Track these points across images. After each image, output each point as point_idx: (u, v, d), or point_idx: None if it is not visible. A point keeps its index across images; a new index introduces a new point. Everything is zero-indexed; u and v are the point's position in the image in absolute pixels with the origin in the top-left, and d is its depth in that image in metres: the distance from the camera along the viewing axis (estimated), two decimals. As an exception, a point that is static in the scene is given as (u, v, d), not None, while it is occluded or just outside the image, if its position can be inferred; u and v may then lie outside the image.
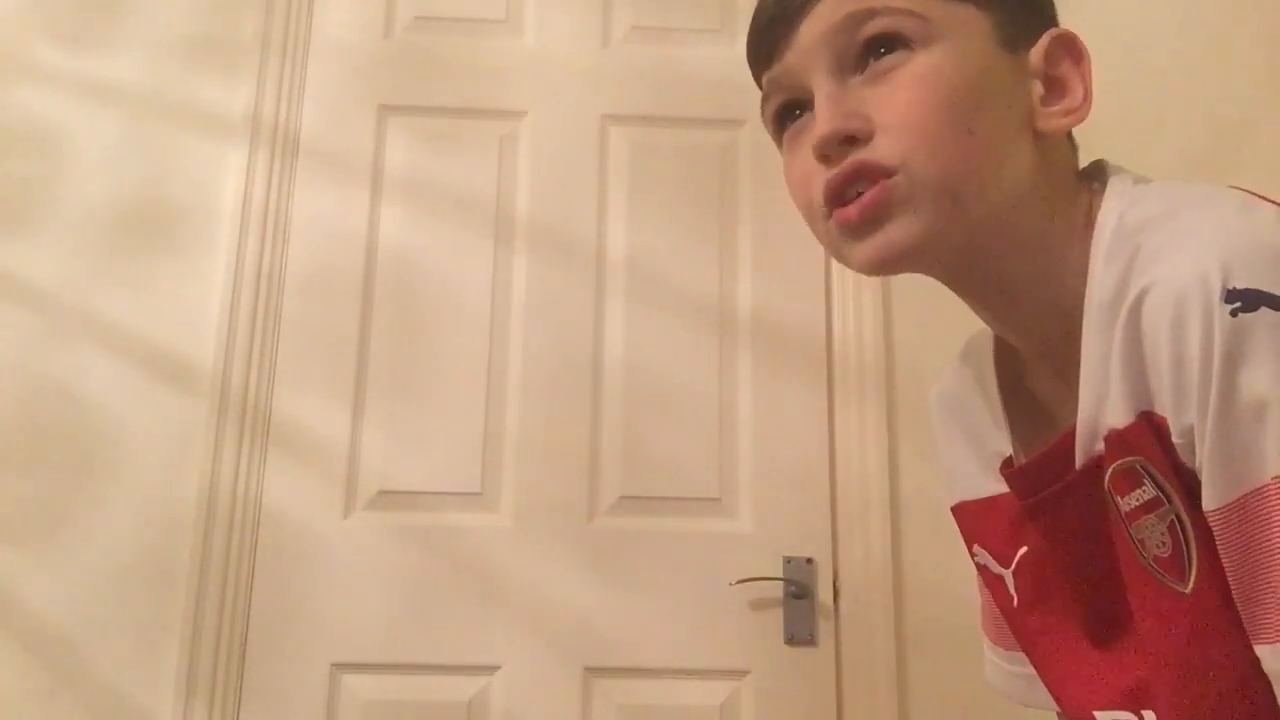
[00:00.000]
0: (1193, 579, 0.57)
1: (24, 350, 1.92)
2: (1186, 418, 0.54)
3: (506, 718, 1.78)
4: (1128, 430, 0.58)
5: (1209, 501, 0.54)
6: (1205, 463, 0.53)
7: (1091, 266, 0.62)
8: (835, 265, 1.97)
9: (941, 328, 1.91)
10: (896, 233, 0.63)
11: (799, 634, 1.81)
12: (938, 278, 0.69)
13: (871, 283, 1.96)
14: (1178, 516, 0.57)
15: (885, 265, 0.65)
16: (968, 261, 0.67)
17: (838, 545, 1.86)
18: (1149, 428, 0.57)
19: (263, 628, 1.80)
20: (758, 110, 0.73)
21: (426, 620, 1.81)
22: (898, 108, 0.63)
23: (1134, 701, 0.65)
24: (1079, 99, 0.66)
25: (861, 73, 0.65)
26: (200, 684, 1.75)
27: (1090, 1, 1.04)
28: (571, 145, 2.04)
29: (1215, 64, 1.21)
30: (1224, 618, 0.56)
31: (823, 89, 0.66)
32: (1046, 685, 0.74)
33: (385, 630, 1.81)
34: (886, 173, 0.62)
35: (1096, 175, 0.69)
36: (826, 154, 0.64)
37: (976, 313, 0.72)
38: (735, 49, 2.10)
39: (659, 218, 2.01)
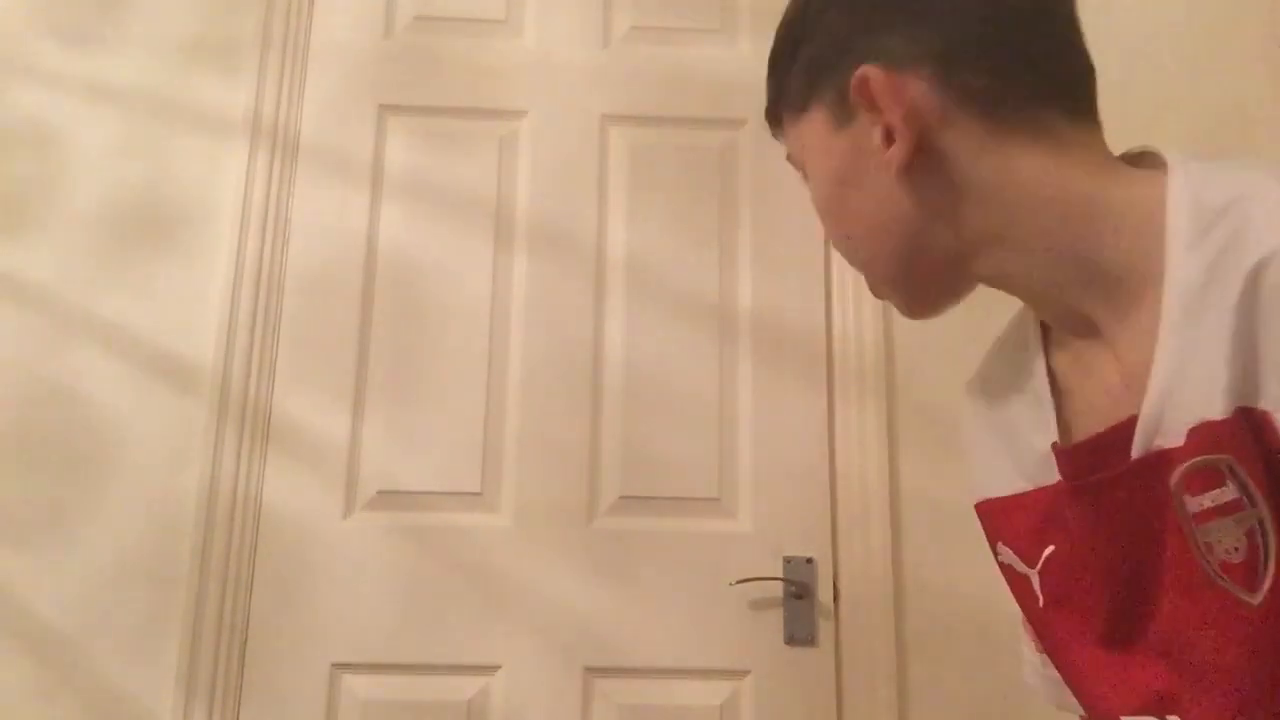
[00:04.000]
0: (1265, 589, 0.54)
1: (24, 350, 1.91)
2: None
3: (506, 718, 1.78)
4: (1222, 424, 0.55)
5: None
6: None
7: (1170, 251, 0.59)
8: (835, 265, 1.97)
9: (941, 328, 1.91)
10: (890, 300, 0.75)
11: (799, 634, 1.81)
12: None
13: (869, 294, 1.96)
14: (1260, 521, 0.54)
15: (913, 316, 0.76)
16: (965, 281, 0.72)
17: (838, 545, 1.86)
18: (1247, 424, 0.54)
19: (263, 628, 1.80)
20: (758, 110, 0.78)
21: (426, 620, 1.81)
22: (822, 224, 0.76)
23: (1159, 707, 0.63)
24: (896, 122, 0.68)
25: None
26: (200, 684, 1.75)
27: (1091, 2, 1.04)
28: (571, 145, 2.04)
29: (1215, 63, 1.21)
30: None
31: None
32: (1070, 687, 0.73)
33: (385, 630, 1.81)
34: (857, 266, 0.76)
35: (1141, 158, 0.68)
36: None
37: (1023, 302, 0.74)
38: (735, 49, 2.10)
39: (659, 218, 2.01)
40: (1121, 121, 1.06)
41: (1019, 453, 0.74)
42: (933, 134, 0.67)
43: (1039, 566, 0.73)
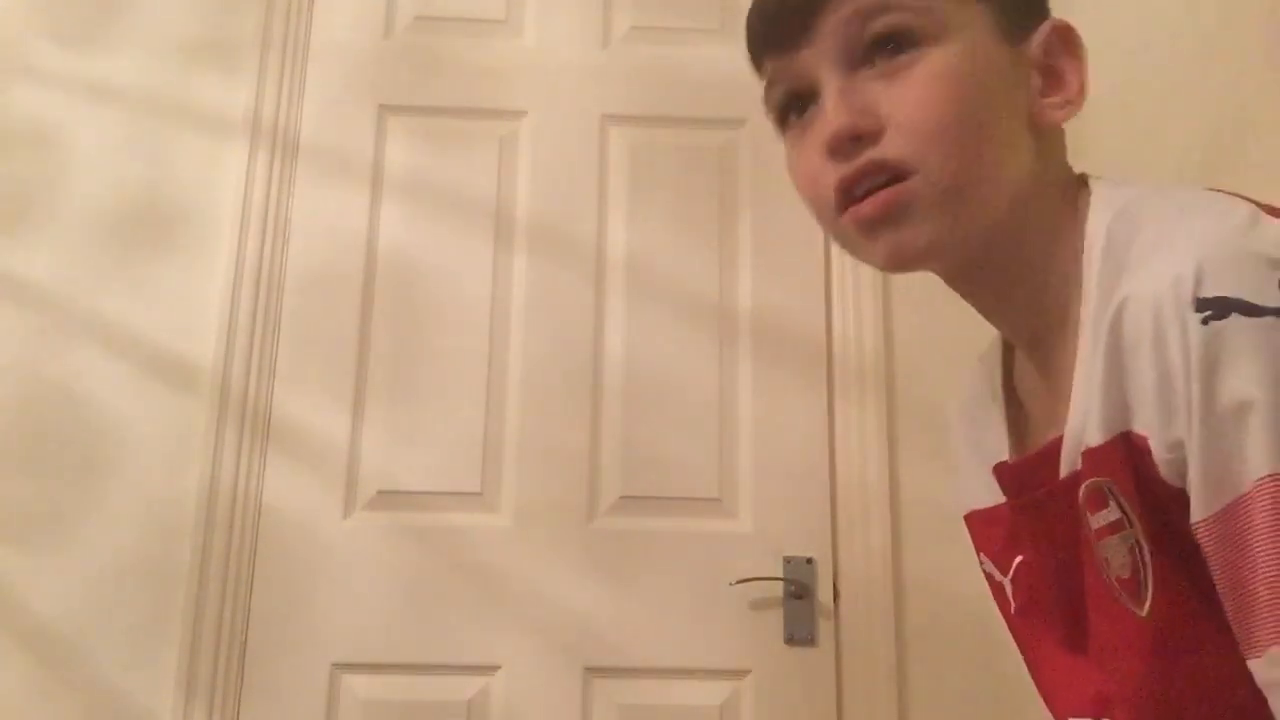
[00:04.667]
0: (1148, 603, 0.57)
1: (24, 350, 1.92)
2: (1175, 432, 0.54)
3: (506, 718, 1.78)
4: (1100, 449, 0.58)
5: (1196, 513, 0.53)
6: (1192, 475, 0.53)
7: (1085, 281, 0.62)
8: (835, 265, 1.97)
9: (941, 328, 1.91)
10: (911, 234, 0.63)
11: (799, 634, 1.81)
12: (938, 272, 0.69)
13: (871, 283, 1.96)
14: (1138, 540, 0.57)
15: (903, 264, 0.66)
16: (976, 260, 0.67)
17: (838, 545, 1.86)
18: (1123, 448, 0.57)
19: (263, 628, 1.80)
20: (758, 109, 0.72)
21: (426, 620, 1.81)
22: (911, 107, 0.62)
23: (1098, 709, 0.66)
24: (1075, 90, 0.66)
25: (871, 66, 0.64)
26: (200, 684, 1.75)
27: (1091, 1, 1.03)
28: (571, 145, 2.04)
29: (1215, 64, 1.21)
30: (1184, 640, 0.56)
31: (832, 83, 0.65)
32: (1036, 687, 0.75)
33: (385, 630, 1.81)
34: (903, 173, 0.62)
35: (1080, 182, 0.69)
36: (837, 150, 0.64)
37: (972, 304, 0.72)
38: (735, 48, 2.07)
39: (659, 218, 2.01)
40: (1122, 121, 1.05)
41: (989, 468, 0.76)
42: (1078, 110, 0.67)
43: (1010, 575, 0.76)
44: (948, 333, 1.90)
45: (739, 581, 1.80)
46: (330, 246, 1.98)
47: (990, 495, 0.76)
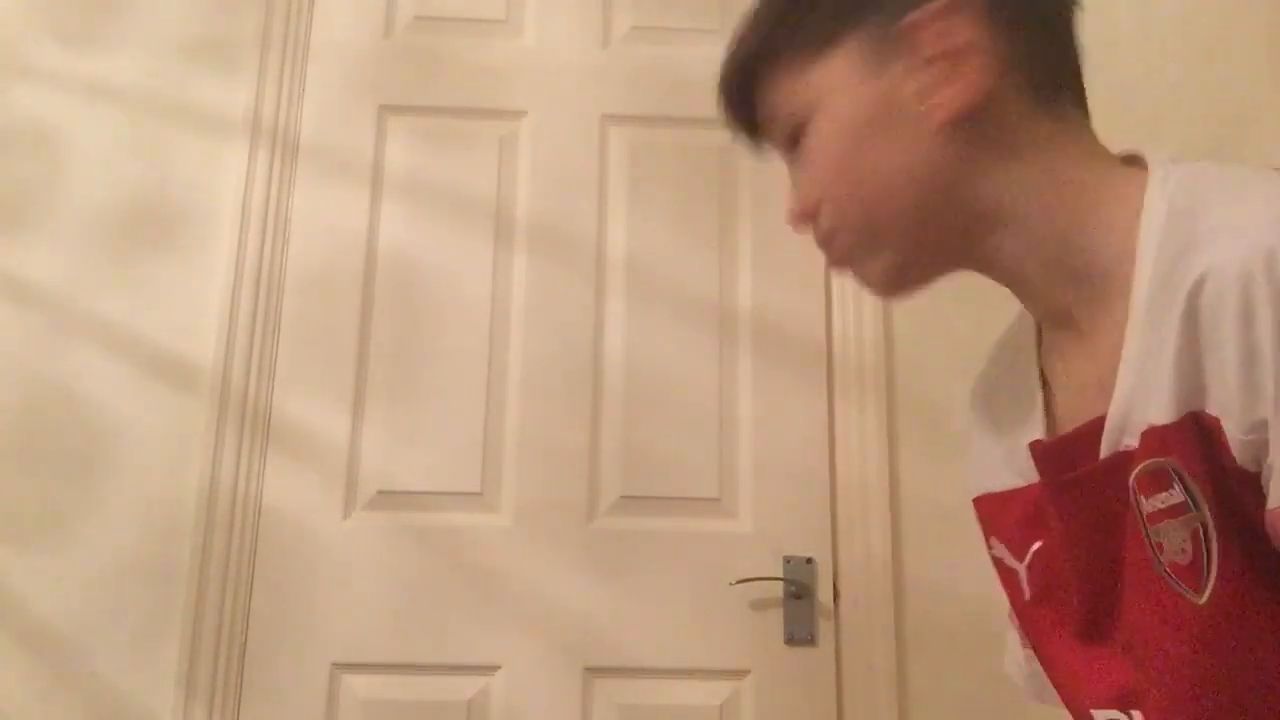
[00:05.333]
0: (1209, 590, 0.56)
1: (24, 350, 1.91)
2: (1259, 412, 0.52)
3: (506, 718, 1.78)
4: (1169, 429, 0.56)
5: (1274, 500, 0.52)
6: (1274, 459, 0.51)
7: (1140, 255, 0.60)
8: None
9: (942, 328, 1.92)
10: (865, 272, 0.73)
11: (799, 634, 1.81)
12: (958, 271, 0.73)
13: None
14: (1204, 525, 0.55)
15: (884, 294, 0.74)
16: (957, 261, 0.70)
17: (837, 545, 1.85)
18: (1194, 429, 0.55)
19: (263, 628, 1.80)
20: None
21: (426, 620, 1.81)
22: (814, 183, 0.72)
23: (1123, 701, 0.65)
24: (935, 79, 0.67)
25: (795, 153, 0.74)
26: (200, 684, 1.75)
27: (1090, 2, 1.04)
28: (571, 145, 2.04)
29: (1215, 63, 1.21)
30: (1241, 631, 0.55)
31: (787, 170, 0.76)
32: (1051, 680, 0.74)
33: (385, 630, 1.81)
34: (832, 235, 0.72)
35: (1129, 159, 0.69)
36: (799, 231, 0.75)
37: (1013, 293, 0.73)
38: (735, 49, 2.10)
39: (659, 218, 2.01)
40: (1122, 121, 1.05)
41: (1011, 449, 0.74)
42: (989, 86, 0.66)
43: (1027, 560, 0.74)
44: (948, 333, 1.91)
45: (739, 581, 1.80)
46: (330, 246, 1.98)
47: (1010, 477, 0.75)
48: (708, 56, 2.07)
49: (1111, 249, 0.63)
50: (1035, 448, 0.70)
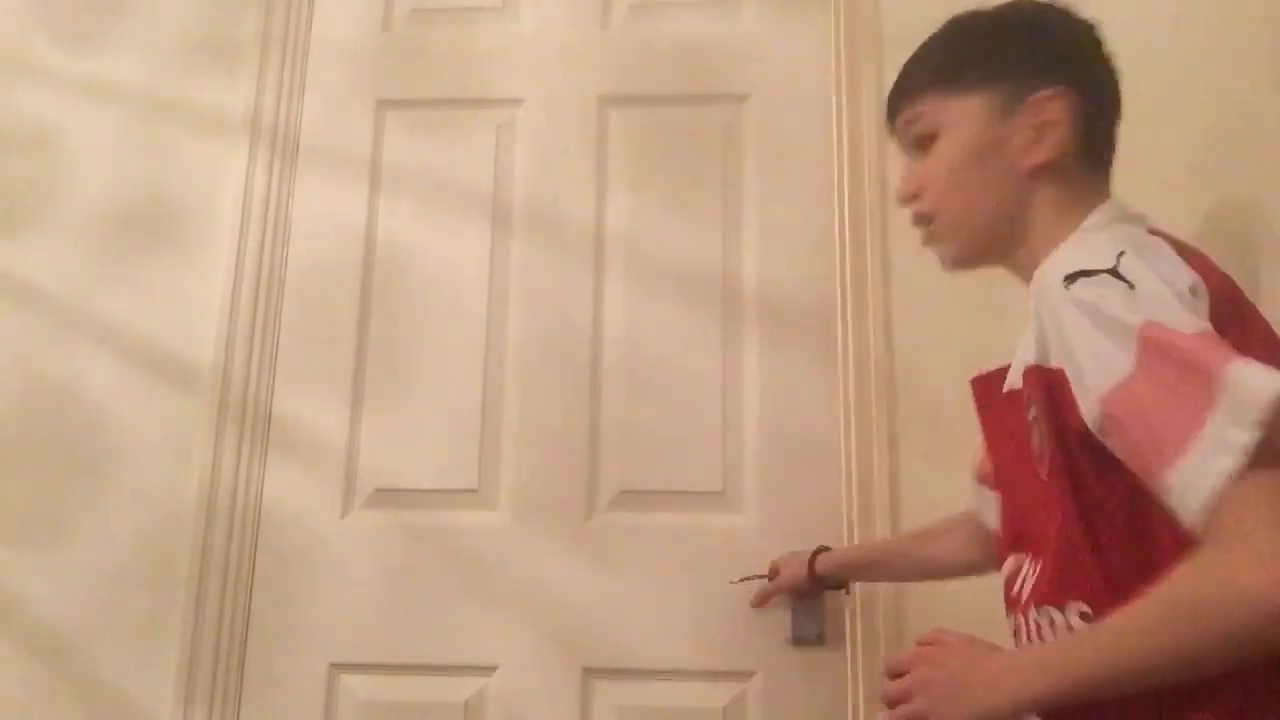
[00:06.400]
0: (1045, 471, 0.89)
1: (24, 350, 1.92)
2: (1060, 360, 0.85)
3: (504, 719, 1.77)
4: (1028, 370, 0.90)
5: (1082, 408, 0.82)
6: (1074, 388, 0.83)
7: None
8: (850, 248, 1.88)
9: (943, 328, 1.91)
10: (943, 251, 1.07)
11: (805, 634, 1.77)
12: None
13: (872, 284, 1.90)
14: (1041, 433, 0.89)
15: (953, 268, 1.07)
16: (994, 253, 1.05)
17: (848, 540, 1.80)
18: (1040, 372, 0.88)
19: (262, 628, 1.80)
20: (764, 83, 0.88)
21: (424, 620, 1.81)
22: (927, 179, 1.06)
23: (1016, 547, 0.99)
24: (1031, 139, 1.00)
25: (920, 151, 1.07)
26: (200, 684, 1.75)
27: (1090, 2, 1.04)
28: (569, 129, 2.02)
29: (1215, 64, 1.21)
30: (1058, 494, 0.86)
31: (902, 162, 1.12)
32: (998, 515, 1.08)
33: (383, 630, 1.80)
34: (928, 219, 1.07)
35: (1091, 204, 1.00)
36: (903, 205, 1.10)
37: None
38: (739, 21, 2.05)
39: (660, 197, 1.97)
40: (1122, 121, 1.06)
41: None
42: (1065, 150, 0.99)
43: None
44: (949, 333, 1.90)
45: (743, 579, 1.78)
46: (330, 245, 1.97)
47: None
48: (710, 31, 2.05)
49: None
50: (973, 381, 1.08)
